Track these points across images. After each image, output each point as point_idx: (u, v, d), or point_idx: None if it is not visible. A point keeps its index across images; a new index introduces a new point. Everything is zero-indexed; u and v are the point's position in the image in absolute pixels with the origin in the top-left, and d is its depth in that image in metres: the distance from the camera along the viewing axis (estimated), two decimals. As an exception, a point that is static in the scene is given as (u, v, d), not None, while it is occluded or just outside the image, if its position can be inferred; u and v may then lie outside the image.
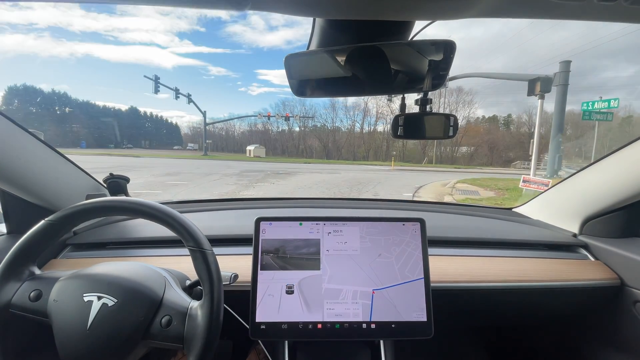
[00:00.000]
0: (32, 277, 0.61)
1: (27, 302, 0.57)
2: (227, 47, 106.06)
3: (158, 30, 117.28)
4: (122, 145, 44.66)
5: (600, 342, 1.03)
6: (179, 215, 0.59)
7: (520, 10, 0.41)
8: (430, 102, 0.72)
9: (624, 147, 0.88)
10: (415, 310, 0.73)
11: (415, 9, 0.42)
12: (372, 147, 38.23)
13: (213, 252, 0.58)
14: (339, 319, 0.72)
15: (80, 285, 0.57)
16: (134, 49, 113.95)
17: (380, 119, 38.35)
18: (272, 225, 0.77)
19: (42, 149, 0.85)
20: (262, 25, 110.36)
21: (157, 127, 67.12)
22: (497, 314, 1.08)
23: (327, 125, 41.99)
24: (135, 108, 65.58)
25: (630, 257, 0.90)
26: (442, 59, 0.63)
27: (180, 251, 0.92)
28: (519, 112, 43.62)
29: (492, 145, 32.48)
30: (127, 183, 1.09)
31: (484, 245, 1.04)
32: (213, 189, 8.87)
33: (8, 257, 0.59)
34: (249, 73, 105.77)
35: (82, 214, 0.60)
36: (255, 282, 0.73)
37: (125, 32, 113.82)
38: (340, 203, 1.42)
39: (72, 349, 0.53)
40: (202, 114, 27.94)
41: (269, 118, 30.01)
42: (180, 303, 0.57)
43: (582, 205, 1.05)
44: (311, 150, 41.90)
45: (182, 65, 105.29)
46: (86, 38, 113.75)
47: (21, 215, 0.90)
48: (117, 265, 0.62)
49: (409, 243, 0.77)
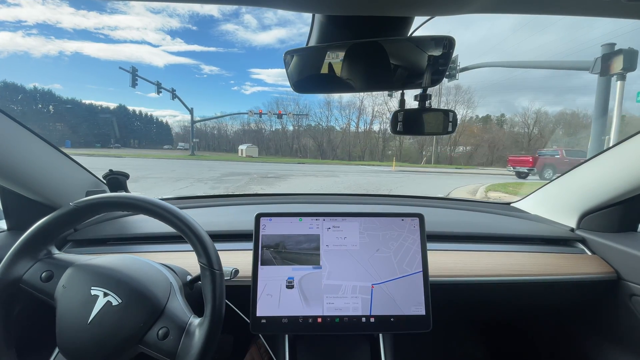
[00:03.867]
0: (49, 256, 0.61)
1: (38, 281, 0.58)
2: (220, 46, 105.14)
3: (149, 29, 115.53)
4: (110, 144, 42.87)
5: (596, 335, 1.05)
6: (200, 229, 0.59)
7: (519, 5, 0.41)
8: (429, 97, 0.72)
9: (622, 142, 0.89)
10: (414, 304, 0.74)
11: (414, 5, 0.42)
12: (367, 147, 37.48)
13: (222, 274, 0.58)
14: (338, 313, 0.72)
15: (90, 277, 0.57)
16: (125, 47, 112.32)
17: (377, 117, 37.75)
18: (272, 220, 0.77)
19: (41, 146, 0.85)
20: (254, 24, 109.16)
21: (147, 126, 65.24)
22: (494, 308, 1.09)
23: (321, 124, 41.16)
24: (123, 106, 63.25)
25: (626, 251, 0.91)
26: (442, 55, 0.63)
27: (180, 247, 0.92)
28: (507, 112, 44.31)
29: (492, 144, 32.13)
30: (126, 179, 1.09)
31: (482, 240, 1.05)
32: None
33: (28, 234, 0.59)
34: (242, 72, 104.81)
35: (104, 205, 0.61)
36: (256, 277, 0.73)
37: (116, 30, 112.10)
38: (340, 199, 1.43)
39: (69, 338, 0.54)
40: (189, 111, 26.70)
41: (260, 116, 28.89)
42: (180, 316, 0.57)
43: (580, 200, 1.06)
44: (305, 149, 40.47)
45: (174, 64, 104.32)
46: (76, 36, 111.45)
47: (21, 212, 0.90)
48: (129, 261, 0.62)
49: (407, 237, 0.77)
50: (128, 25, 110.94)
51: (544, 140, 31.85)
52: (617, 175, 0.91)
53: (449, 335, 1.46)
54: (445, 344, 1.43)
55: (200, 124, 49.52)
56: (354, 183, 10.67)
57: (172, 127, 66.52)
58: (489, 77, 43.82)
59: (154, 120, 67.73)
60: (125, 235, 0.99)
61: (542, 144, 31.77)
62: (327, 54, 0.65)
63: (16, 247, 0.59)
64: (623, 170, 0.89)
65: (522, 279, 0.90)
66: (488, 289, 0.91)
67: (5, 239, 0.88)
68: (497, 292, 0.94)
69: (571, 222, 1.10)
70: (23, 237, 0.59)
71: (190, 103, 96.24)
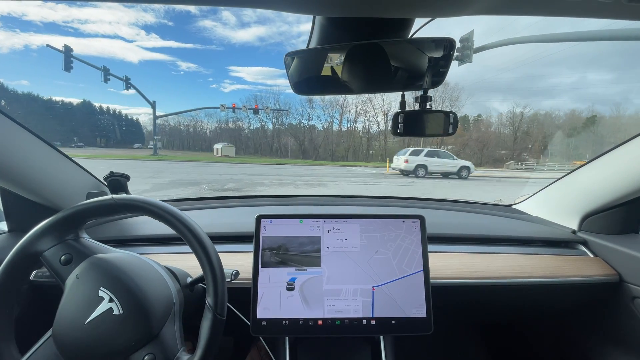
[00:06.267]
0: (75, 239, 0.61)
1: (56, 262, 0.58)
2: (198, 43, 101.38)
3: (122, 23, 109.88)
4: (73, 143, 39.59)
5: (598, 337, 1.04)
6: (219, 269, 0.59)
7: (520, 7, 0.41)
8: (430, 99, 0.72)
9: (623, 144, 0.89)
10: (415, 307, 0.73)
11: (415, 7, 0.42)
12: (351, 146, 36.26)
13: (223, 321, 0.57)
14: (339, 316, 0.72)
15: (102, 276, 0.56)
16: (96, 41, 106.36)
17: (361, 115, 36.59)
18: (273, 222, 0.77)
19: (42, 147, 0.85)
20: (233, 21, 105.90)
21: (115, 123, 59.20)
22: (496, 310, 1.08)
23: (303, 122, 39.45)
24: (89, 102, 57.13)
25: (629, 253, 0.90)
26: (442, 57, 0.63)
27: (181, 249, 0.92)
28: (480, 112, 45.01)
29: (482, 144, 31.60)
30: (127, 181, 1.09)
31: (484, 242, 1.04)
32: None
33: (62, 213, 0.59)
34: (221, 69, 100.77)
35: (139, 209, 0.60)
36: (256, 279, 0.73)
37: (86, 24, 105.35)
38: (341, 200, 1.42)
39: (64, 330, 0.54)
40: (150, 104, 22.88)
41: (234, 110, 25.31)
42: (171, 347, 0.56)
43: (581, 201, 1.05)
44: (286, 149, 38.77)
45: (149, 60, 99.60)
46: (43, 29, 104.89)
47: (22, 214, 0.90)
48: (143, 267, 0.61)
49: (405, 238, 0.77)
50: (99, 19, 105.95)
51: (532, 139, 32.18)
52: (619, 176, 0.91)
53: (451, 337, 1.45)
54: (446, 346, 1.42)
55: (175, 121, 47.63)
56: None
57: (145, 125, 61.73)
58: (460, 79, 44.91)
59: (124, 117, 62.51)
60: (126, 237, 0.99)
61: (527, 143, 31.94)
62: (328, 56, 0.65)
63: (48, 222, 0.59)
64: (625, 172, 0.89)
65: (524, 281, 0.89)
66: (489, 291, 0.91)
67: (5, 240, 0.88)
68: (498, 294, 0.93)
69: (573, 224, 1.10)
70: (57, 215, 0.59)
71: (166, 100, 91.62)
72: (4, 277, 0.56)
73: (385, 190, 9.49)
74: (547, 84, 53.23)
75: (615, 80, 64.46)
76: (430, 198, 1.49)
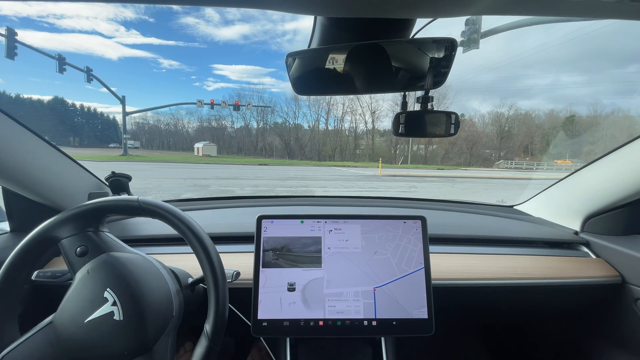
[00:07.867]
0: (95, 232, 0.61)
1: (72, 252, 0.58)
2: (180, 40, 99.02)
3: (100, 18, 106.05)
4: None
5: (601, 339, 1.04)
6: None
7: (522, 7, 0.41)
8: (431, 99, 0.72)
9: (626, 145, 0.88)
10: (416, 307, 0.73)
11: (416, 7, 0.42)
12: (338, 145, 35.42)
13: (217, 351, 0.57)
14: (340, 316, 0.72)
15: (111, 277, 0.56)
16: (73, 37, 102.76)
17: (348, 113, 35.77)
18: (274, 223, 0.77)
19: (44, 148, 0.85)
20: (217, 19, 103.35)
21: (90, 122, 56.20)
22: (498, 312, 1.08)
23: (289, 120, 38.12)
24: (61, 99, 53.34)
25: (631, 254, 0.90)
26: (444, 57, 0.63)
27: (182, 249, 0.92)
28: (460, 111, 45.93)
29: (471, 142, 31.19)
30: (128, 181, 1.10)
31: (485, 243, 1.04)
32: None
33: (88, 205, 0.60)
34: (204, 67, 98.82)
35: (160, 216, 0.60)
36: (257, 280, 0.73)
37: (62, 19, 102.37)
38: (342, 201, 1.42)
39: (64, 321, 0.54)
40: (120, 100, 20.84)
41: (212, 107, 23.00)
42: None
43: (584, 202, 1.05)
44: (271, 148, 37.59)
45: (129, 57, 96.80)
46: (16, 24, 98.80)
47: (24, 214, 0.90)
48: (151, 272, 0.61)
49: (402, 237, 0.77)
50: (76, 14, 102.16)
51: (519, 138, 32.68)
52: (622, 177, 0.90)
53: (452, 339, 1.45)
54: (448, 347, 1.42)
55: (155, 120, 46.06)
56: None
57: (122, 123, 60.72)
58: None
59: (99, 115, 58.82)
60: (127, 237, 0.99)
61: (514, 142, 32.65)
62: (329, 56, 0.65)
63: (72, 211, 0.59)
64: (627, 173, 0.88)
65: (526, 282, 0.89)
66: (491, 292, 0.91)
67: (8, 240, 0.88)
68: (499, 295, 0.93)
69: (575, 225, 1.09)
70: (82, 206, 0.59)
71: (148, 98, 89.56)
72: (20, 255, 0.57)
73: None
74: (523, 85, 55.52)
75: (587, 82, 68.53)
76: (432, 199, 1.49)
